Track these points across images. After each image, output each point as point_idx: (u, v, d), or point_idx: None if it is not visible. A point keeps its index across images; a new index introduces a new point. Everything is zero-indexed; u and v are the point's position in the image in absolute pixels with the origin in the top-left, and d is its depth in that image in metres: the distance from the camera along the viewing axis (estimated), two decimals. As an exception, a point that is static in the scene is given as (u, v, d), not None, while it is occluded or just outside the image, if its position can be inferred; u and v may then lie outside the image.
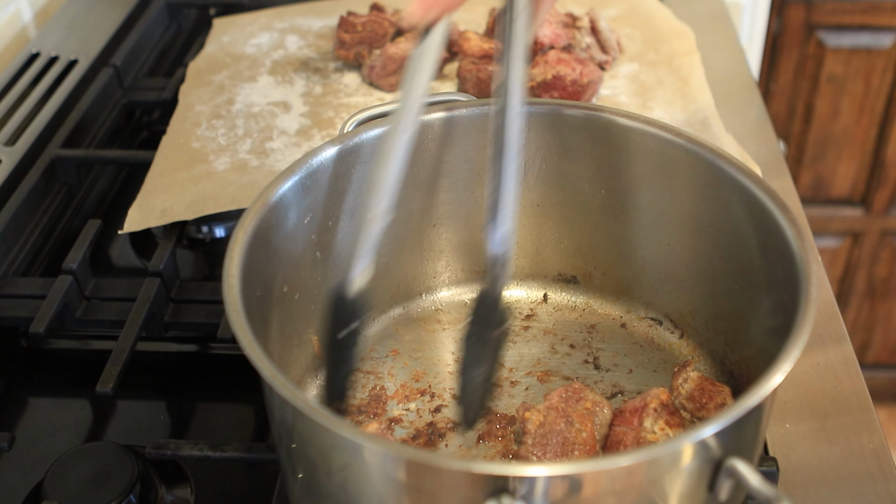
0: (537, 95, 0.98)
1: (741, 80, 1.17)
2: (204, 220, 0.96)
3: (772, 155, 1.05)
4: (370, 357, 0.77)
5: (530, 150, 0.77)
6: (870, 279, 2.06)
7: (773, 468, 0.69)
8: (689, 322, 0.77)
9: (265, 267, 0.66)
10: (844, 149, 1.90)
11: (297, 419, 0.56)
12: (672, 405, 0.65)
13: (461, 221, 0.80)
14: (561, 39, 1.04)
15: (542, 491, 0.50)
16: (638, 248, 0.78)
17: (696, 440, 0.51)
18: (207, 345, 0.87)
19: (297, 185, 0.69)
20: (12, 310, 0.86)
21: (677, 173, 0.73)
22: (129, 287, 0.87)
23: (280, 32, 1.18)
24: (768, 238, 0.65)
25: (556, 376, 0.75)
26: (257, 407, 0.80)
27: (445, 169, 0.77)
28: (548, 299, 0.82)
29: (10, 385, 0.83)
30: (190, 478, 0.73)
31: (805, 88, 1.84)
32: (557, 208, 0.80)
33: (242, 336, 0.56)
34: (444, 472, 0.51)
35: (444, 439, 0.70)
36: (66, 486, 0.68)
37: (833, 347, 0.82)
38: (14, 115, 1.07)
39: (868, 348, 2.17)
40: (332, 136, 0.98)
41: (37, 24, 1.32)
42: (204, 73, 1.10)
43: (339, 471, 0.56)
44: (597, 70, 1.01)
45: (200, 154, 0.96)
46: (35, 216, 0.97)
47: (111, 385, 0.75)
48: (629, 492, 0.52)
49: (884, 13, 1.75)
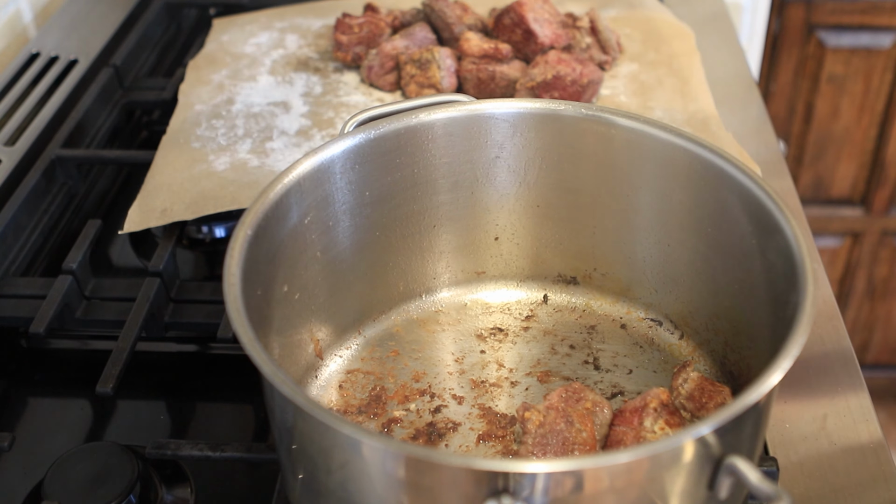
0: (537, 95, 0.98)
1: (741, 80, 1.17)
2: (204, 220, 0.96)
3: (772, 155, 1.05)
4: (370, 357, 0.77)
5: (530, 151, 0.77)
6: (870, 279, 2.07)
7: (774, 468, 0.69)
8: (688, 322, 0.77)
9: (265, 267, 0.66)
10: (844, 149, 1.90)
11: (297, 417, 0.56)
12: (672, 405, 0.65)
13: (461, 222, 0.80)
14: (561, 39, 1.04)
15: (542, 488, 0.50)
16: (638, 248, 0.78)
17: (695, 437, 0.51)
18: (207, 345, 0.87)
19: (297, 185, 0.69)
20: (12, 310, 0.86)
21: (677, 173, 0.73)
22: (129, 287, 0.87)
23: (280, 32, 1.18)
24: (768, 238, 0.65)
25: (556, 377, 0.75)
26: (257, 407, 0.80)
27: (445, 169, 0.77)
28: (548, 300, 0.82)
29: (10, 385, 0.83)
30: (190, 478, 0.73)
31: (805, 88, 1.84)
32: (557, 209, 0.80)
33: (243, 334, 0.56)
34: (445, 468, 0.51)
35: (444, 439, 0.70)
36: (66, 486, 0.68)
37: (833, 347, 0.82)
38: (14, 115, 1.07)
39: (868, 348, 2.17)
40: (332, 136, 0.98)
41: (37, 24, 1.32)
42: (203, 71, 1.10)
43: (339, 469, 0.56)
44: (597, 70, 1.01)
45: (200, 154, 0.96)
46: (35, 216, 0.97)
47: (111, 385, 0.75)
48: (629, 489, 0.53)
49: (884, 13, 1.75)
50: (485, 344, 0.78)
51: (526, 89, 0.99)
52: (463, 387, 0.74)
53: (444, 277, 0.82)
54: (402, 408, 0.73)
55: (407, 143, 0.74)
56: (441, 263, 0.81)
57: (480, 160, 0.77)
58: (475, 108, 0.75)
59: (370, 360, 0.77)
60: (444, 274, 0.82)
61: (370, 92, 1.07)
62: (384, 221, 0.77)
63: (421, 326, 0.80)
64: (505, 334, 0.79)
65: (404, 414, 0.72)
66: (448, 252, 0.81)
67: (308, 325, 0.73)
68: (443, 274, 0.82)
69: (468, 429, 0.71)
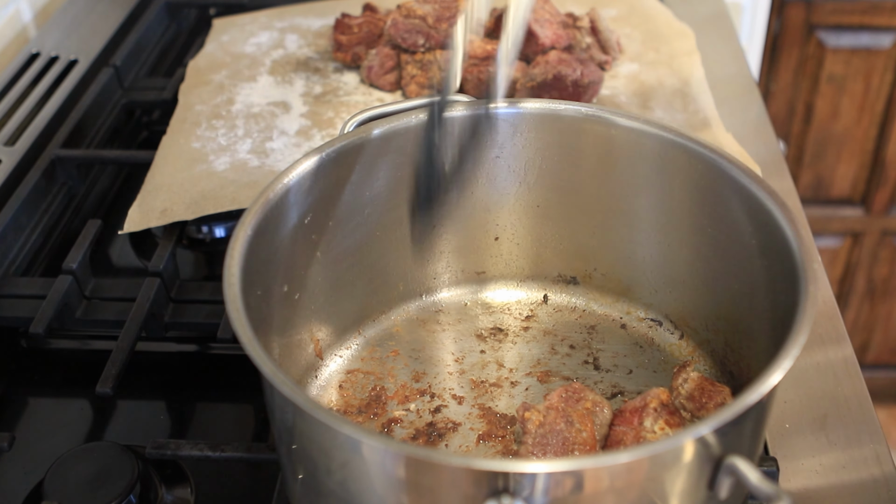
0: (537, 95, 0.98)
1: (741, 80, 1.17)
2: (204, 220, 0.96)
3: (772, 155, 1.05)
4: (370, 357, 0.77)
5: (530, 151, 0.77)
6: (870, 279, 2.07)
7: (774, 468, 0.69)
8: (688, 322, 0.77)
9: (265, 267, 0.66)
10: (844, 149, 1.90)
11: (297, 417, 0.56)
12: (672, 405, 0.65)
13: (461, 222, 0.80)
14: (562, 40, 1.04)
15: (542, 488, 0.50)
16: (638, 248, 0.78)
17: (695, 437, 0.51)
18: (207, 345, 0.87)
19: (297, 185, 0.69)
20: (12, 310, 0.86)
21: (677, 173, 0.73)
22: (129, 287, 0.87)
23: (280, 32, 1.18)
24: (768, 238, 0.65)
25: (556, 377, 0.75)
26: (257, 407, 0.80)
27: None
28: (548, 300, 0.82)
29: (10, 385, 0.83)
30: (190, 478, 0.73)
31: (805, 88, 1.84)
32: (557, 209, 0.80)
33: (243, 334, 0.56)
34: (444, 468, 0.51)
35: (444, 439, 0.70)
36: (66, 486, 0.68)
37: (833, 347, 0.82)
38: (14, 115, 1.07)
39: (868, 348, 2.17)
40: (332, 136, 0.98)
41: (37, 24, 1.32)
42: (203, 71, 1.10)
43: (339, 469, 0.56)
44: (597, 71, 1.01)
45: (200, 154, 0.96)
46: (35, 216, 0.97)
47: (111, 385, 0.75)
48: (629, 489, 0.52)
49: (884, 13, 1.75)
50: (485, 344, 0.78)
51: (526, 89, 0.99)
52: (463, 387, 0.74)
53: (444, 277, 0.82)
54: (402, 408, 0.73)
55: (407, 143, 0.74)
56: (441, 263, 0.81)
57: (480, 160, 0.77)
58: (475, 108, 0.75)
59: (370, 360, 0.77)
60: (444, 274, 0.82)
61: (370, 92, 1.07)
62: (384, 221, 0.77)
63: (421, 326, 0.80)
64: (505, 334, 0.79)
65: (404, 414, 0.72)
66: (448, 252, 0.81)
67: (308, 325, 0.73)
68: (443, 274, 0.82)
69: (468, 429, 0.71)
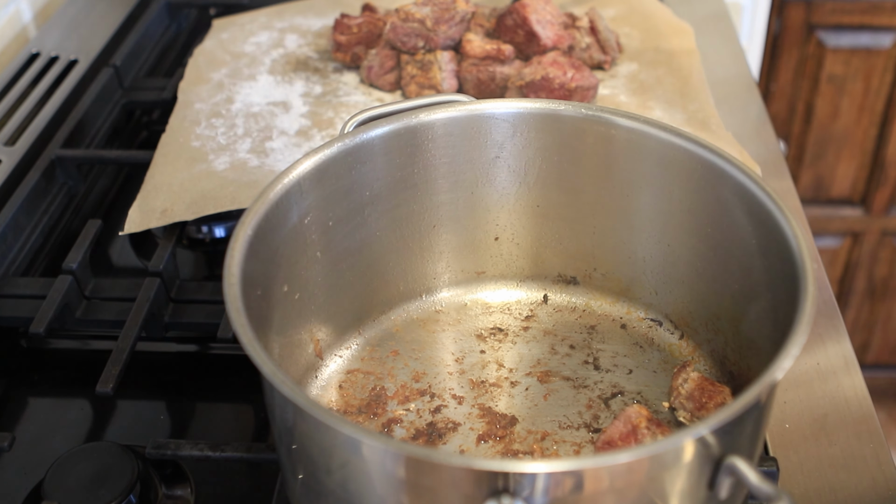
0: (525, 95, 0.98)
1: (741, 80, 1.17)
2: (204, 220, 0.96)
3: (772, 155, 1.05)
4: (370, 357, 0.77)
5: (530, 151, 0.77)
6: (870, 279, 2.07)
7: (774, 468, 0.69)
8: (689, 322, 0.77)
9: (265, 267, 0.66)
10: (844, 149, 1.90)
11: (297, 417, 0.56)
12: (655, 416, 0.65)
13: (461, 222, 0.80)
14: (564, 41, 1.03)
15: (542, 488, 0.50)
16: (638, 248, 0.78)
17: (695, 437, 0.51)
18: (207, 345, 0.87)
19: (297, 185, 0.69)
20: (12, 310, 0.86)
21: (677, 173, 0.73)
22: (129, 287, 0.87)
23: (279, 31, 1.18)
24: (768, 238, 0.65)
25: (556, 377, 0.75)
26: (257, 407, 0.80)
27: (445, 169, 0.77)
28: (548, 300, 0.82)
29: (10, 385, 0.83)
30: (190, 478, 0.73)
31: (805, 88, 1.84)
32: (557, 209, 0.80)
33: (243, 334, 0.56)
34: (445, 468, 0.51)
35: (444, 439, 0.70)
36: (66, 486, 0.68)
37: (833, 347, 0.82)
38: (14, 115, 1.07)
39: (868, 348, 2.17)
40: (332, 136, 0.98)
41: (37, 24, 1.32)
42: (203, 69, 1.10)
43: (339, 469, 0.56)
44: (590, 76, 1.00)
45: (200, 153, 0.96)
46: (35, 216, 0.97)
47: (111, 385, 0.75)
48: (629, 489, 0.53)
49: (884, 13, 1.75)
50: (485, 344, 0.78)
51: (515, 87, 0.99)
52: (463, 387, 0.74)
53: (444, 277, 0.82)
54: (402, 408, 0.73)
55: (407, 143, 0.74)
56: (441, 263, 0.81)
57: (480, 160, 0.77)
58: (475, 108, 0.75)
59: (370, 360, 0.77)
60: (444, 274, 0.82)
61: (370, 92, 1.07)
62: (384, 221, 0.77)
63: (421, 326, 0.80)
64: (505, 334, 0.79)
65: (404, 414, 0.72)
66: (448, 252, 0.81)
67: (308, 325, 0.73)
68: (443, 274, 0.82)
69: (468, 429, 0.71)
